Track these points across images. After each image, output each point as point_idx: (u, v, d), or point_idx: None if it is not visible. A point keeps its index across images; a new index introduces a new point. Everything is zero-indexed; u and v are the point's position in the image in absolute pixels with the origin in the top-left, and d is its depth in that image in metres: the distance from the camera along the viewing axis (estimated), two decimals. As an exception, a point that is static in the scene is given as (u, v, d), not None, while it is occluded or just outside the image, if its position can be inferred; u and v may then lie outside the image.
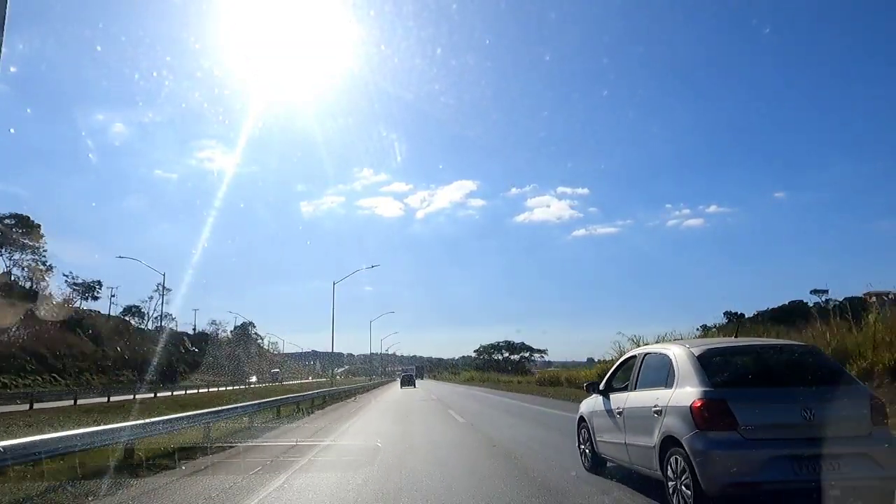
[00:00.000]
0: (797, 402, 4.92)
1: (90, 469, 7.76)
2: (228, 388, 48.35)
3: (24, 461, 6.77)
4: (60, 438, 7.27)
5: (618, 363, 7.45)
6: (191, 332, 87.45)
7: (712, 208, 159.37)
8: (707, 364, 5.36)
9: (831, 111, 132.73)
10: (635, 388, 6.44)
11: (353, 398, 33.85)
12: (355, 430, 14.67)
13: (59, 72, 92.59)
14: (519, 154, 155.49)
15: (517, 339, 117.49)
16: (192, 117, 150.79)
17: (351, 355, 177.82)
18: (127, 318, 76.20)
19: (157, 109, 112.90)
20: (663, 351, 6.06)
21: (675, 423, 5.26)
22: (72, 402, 28.10)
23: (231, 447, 10.54)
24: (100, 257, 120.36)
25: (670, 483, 5.31)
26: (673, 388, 5.52)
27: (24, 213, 57.07)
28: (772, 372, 5.49)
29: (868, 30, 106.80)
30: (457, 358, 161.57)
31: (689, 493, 5.01)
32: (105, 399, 30.75)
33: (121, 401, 28.72)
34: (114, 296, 73.25)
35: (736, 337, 6.96)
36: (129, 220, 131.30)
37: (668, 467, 5.35)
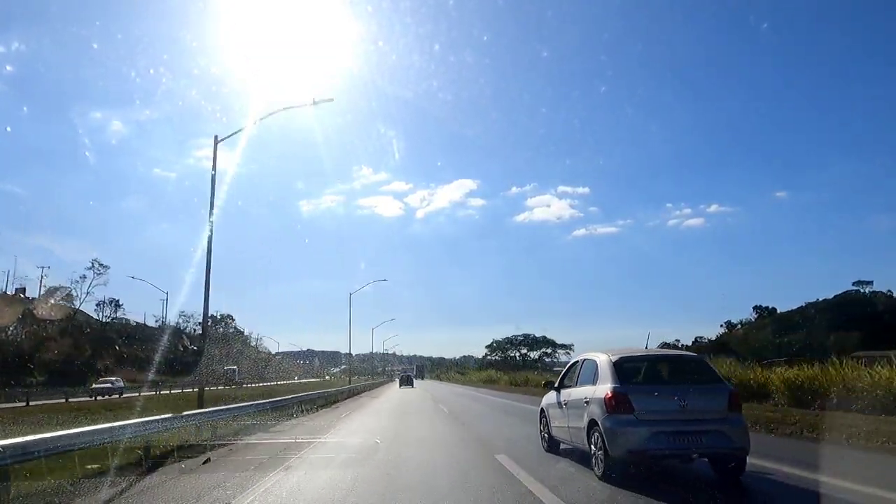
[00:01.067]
0: (677, 396, 7.00)
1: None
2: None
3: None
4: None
5: (568, 366, 9.55)
6: (154, 324, 79.24)
7: (713, 208, 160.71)
8: (619, 368, 7.45)
9: (832, 110, 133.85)
10: (576, 385, 8.53)
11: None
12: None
13: (57, 70, 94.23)
14: (519, 153, 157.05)
15: (538, 332, 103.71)
16: (189, 115, 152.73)
17: (350, 354, 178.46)
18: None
19: (155, 108, 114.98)
20: (594, 357, 8.16)
21: (596, 409, 7.35)
22: None
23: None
24: (98, 255, 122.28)
25: (592, 451, 7.40)
26: (596, 385, 7.61)
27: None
28: (663, 374, 7.63)
29: (868, 29, 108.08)
30: (458, 357, 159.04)
31: (602, 460, 7.10)
32: None
33: None
34: (45, 275, 64.68)
35: (646, 348, 9.09)
36: (127, 218, 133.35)
37: (591, 441, 7.43)
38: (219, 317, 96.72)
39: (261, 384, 65.60)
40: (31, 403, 31.52)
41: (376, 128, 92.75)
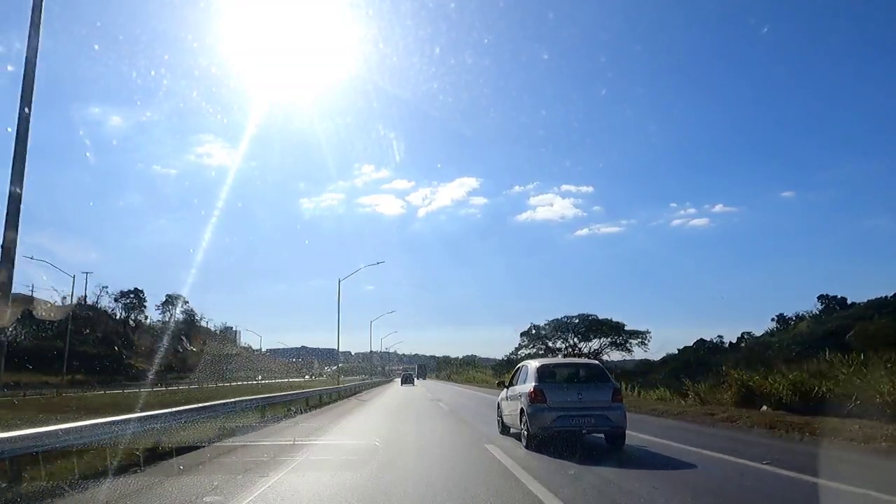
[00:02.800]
0: (576, 390, 10.29)
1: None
2: None
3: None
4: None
5: (514, 369, 12.82)
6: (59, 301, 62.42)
7: (718, 207, 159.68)
8: (540, 371, 10.74)
9: (839, 107, 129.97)
10: (517, 384, 11.80)
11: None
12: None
13: (57, 69, 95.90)
14: (521, 151, 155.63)
15: (600, 314, 70.18)
16: (191, 115, 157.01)
17: (349, 353, 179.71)
18: None
19: (157, 107, 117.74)
20: (527, 363, 11.45)
21: (524, 400, 10.61)
22: None
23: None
24: (98, 254, 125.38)
25: (521, 430, 10.66)
26: (526, 383, 10.88)
27: None
28: (568, 376, 10.92)
29: (878, 25, 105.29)
30: (460, 357, 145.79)
31: (526, 435, 10.36)
32: None
33: None
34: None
35: (564, 356, 12.35)
36: (127, 215, 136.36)
37: (522, 423, 10.69)
38: (165, 298, 79.59)
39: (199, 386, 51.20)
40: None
41: (377, 128, 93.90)
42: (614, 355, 70.29)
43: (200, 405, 13.64)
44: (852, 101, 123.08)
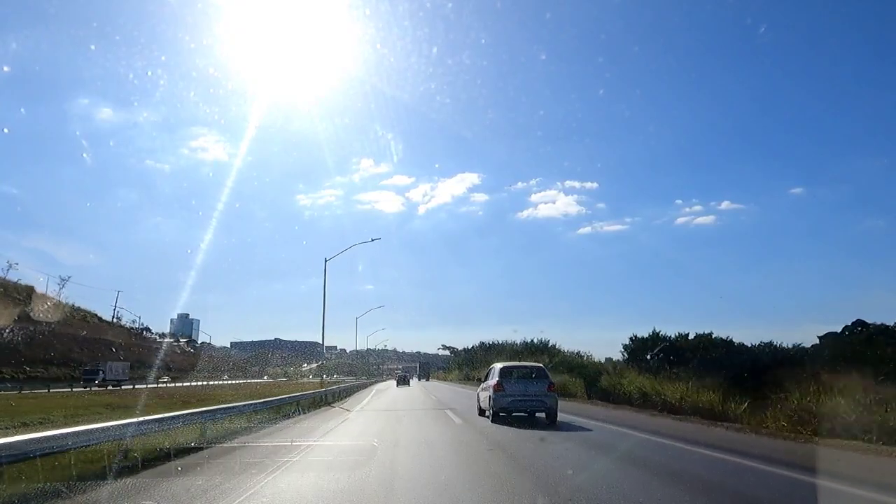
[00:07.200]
0: (524, 384, 15.66)
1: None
2: None
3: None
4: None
5: (487, 370, 18.14)
6: None
7: (724, 204, 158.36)
8: (502, 371, 16.10)
9: (848, 103, 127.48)
10: (487, 380, 17.12)
11: None
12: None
13: (58, 69, 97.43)
14: (522, 152, 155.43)
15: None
16: (189, 113, 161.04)
17: (342, 350, 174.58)
18: None
19: (156, 105, 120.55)
20: (494, 366, 16.81)
21: (490, 391, 15.94)
22: None
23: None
24: (100, 251, 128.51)
25: (487, 410, 15.98)
26: (492, 379, 16.22)
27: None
28: (521, 373, 16.28)
29: (885, 23, 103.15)
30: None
31: (490, 414, 15.71)
32: None
33: None
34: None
35: (520, 361, 17.83)
36: (125, 213, 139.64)
37: (489, 406, 16.00)
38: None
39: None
40: None
41: (374, 128, 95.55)
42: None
43: None
44: (857, 99, 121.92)
